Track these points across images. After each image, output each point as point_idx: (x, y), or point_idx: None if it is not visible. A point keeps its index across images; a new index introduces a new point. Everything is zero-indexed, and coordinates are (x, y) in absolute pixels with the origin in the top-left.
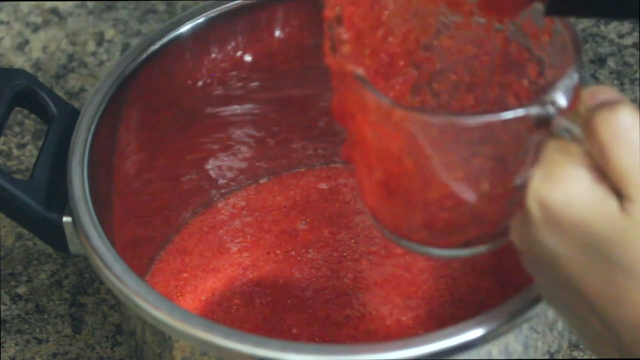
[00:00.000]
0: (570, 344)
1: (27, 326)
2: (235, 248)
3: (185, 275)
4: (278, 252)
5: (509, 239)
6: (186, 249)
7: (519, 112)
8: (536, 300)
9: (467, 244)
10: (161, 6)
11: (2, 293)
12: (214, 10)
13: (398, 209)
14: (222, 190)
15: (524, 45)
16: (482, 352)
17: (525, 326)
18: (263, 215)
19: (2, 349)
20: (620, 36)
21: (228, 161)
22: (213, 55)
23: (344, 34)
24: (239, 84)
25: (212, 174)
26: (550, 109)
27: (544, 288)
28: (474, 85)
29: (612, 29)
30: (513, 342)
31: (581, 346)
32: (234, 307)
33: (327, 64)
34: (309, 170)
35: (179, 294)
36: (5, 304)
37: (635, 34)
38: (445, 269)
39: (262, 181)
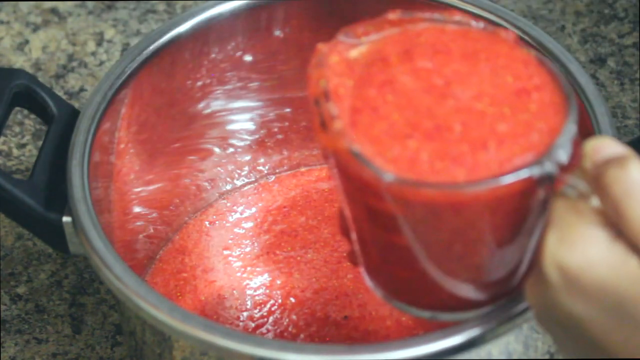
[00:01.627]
0: None
1: (27, 326)
2: (235, 248)
3: (185, 275)
4: (278, 252)
5: (511, 298)
6: (186, 249)
7: (521, 175)
8: None
9: (472, 306)
10: (161, 6)
11: (2, 293)
12: (214, 10)
13: (400, 282)
14: (222, 190)
15: None
16: (482, 352)
17: (525, 326)
18: (263, 215)
19: (2, 349)
20: (620, 36)
21: (228, 161)
22: (213, 55)
23: (333, 109)
24: (239, 84)
25: (212, 174)
26: (551, 167)
27: (561, 345)
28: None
29: (612, 28)
30: (513, 342)
31: None
32: (234, 307)
33: (319, 142)
34: (309, 170)
35: (178, 294)
36: (5, 304)
37: (635, 34)
38: None
39: (262, 181)
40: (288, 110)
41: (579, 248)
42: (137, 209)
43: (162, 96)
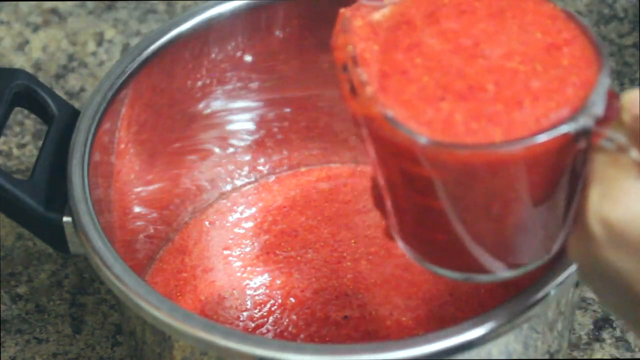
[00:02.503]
0: (570, 344)
1: (27, 326)
2: (235, 248)
3: (185, 275)
4: (278, 252)
5: (548, 259)
6: (186, 249)
7: (558, 131)
8: (536, 301)
9: (507, 267)
10: (161, 6)
11: (2, 293)
12: (214, 10)
13: (435, 244)
14: (222, 190)
15: None
16: (482, 352)
17: (525, 326)
18: (263, 215)
19: (2, 349)
20: (620, 36)
21: (228, 161)
22: (213, 55)
23: (363, 75)
24: (239, 84)
25: (212, 174)
26: (587, 121)
27: (605, 299)
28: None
29: (612, 28)
30: (513, 342)
31: (581, 346)
32: (234, 307)
33: (350, 110)
34: (309, 170)
35: (179, 294)
36: (5, 304)
37: (635, 33)
38: None
39: (262, 181)
40: (288, 110)
41: (622, 202)
42: (137, 209)
43: (162, 96)
